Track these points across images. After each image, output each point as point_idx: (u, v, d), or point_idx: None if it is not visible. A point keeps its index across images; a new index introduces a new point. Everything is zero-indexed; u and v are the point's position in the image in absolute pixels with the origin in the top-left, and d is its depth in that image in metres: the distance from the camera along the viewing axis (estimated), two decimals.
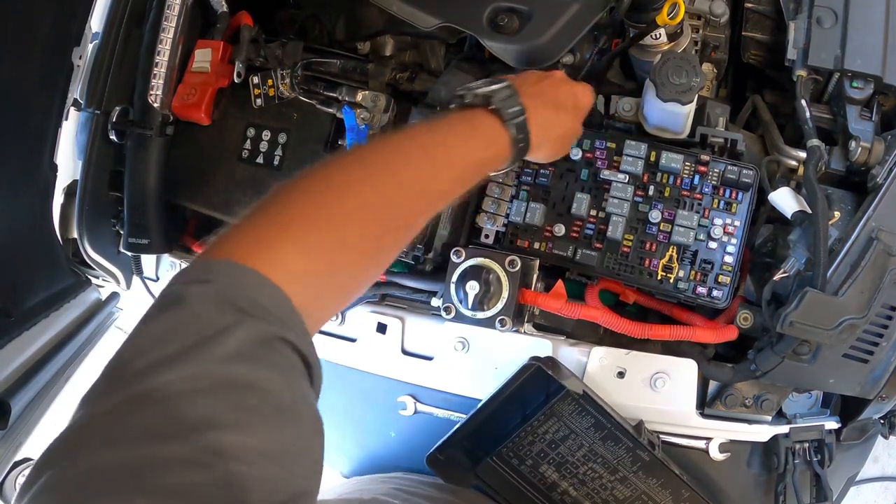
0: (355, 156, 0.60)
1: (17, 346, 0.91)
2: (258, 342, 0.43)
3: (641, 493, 0.85)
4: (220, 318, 0.43)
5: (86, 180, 1.02)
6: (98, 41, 1.03)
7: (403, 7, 0.84)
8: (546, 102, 0.73)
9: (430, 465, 0.88)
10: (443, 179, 0.63)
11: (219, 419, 0.38)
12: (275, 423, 0.41)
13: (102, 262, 1.05)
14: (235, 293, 0.45)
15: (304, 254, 0.49)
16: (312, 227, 0.51)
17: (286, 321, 0.46)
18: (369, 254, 0.56)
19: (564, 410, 0.83)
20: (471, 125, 0.66)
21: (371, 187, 0.55)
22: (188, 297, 0.44)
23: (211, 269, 0.46)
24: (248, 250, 0.48)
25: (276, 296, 0.47)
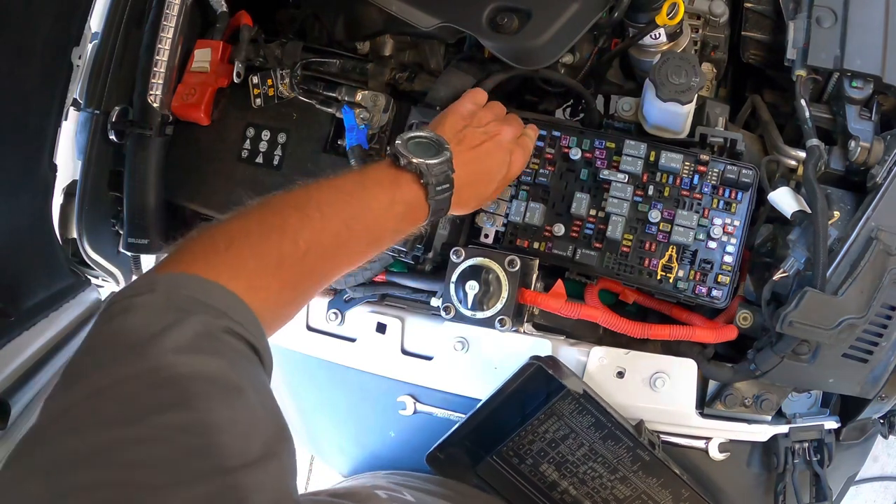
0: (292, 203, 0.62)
1: (17, 346, 0.91)
2: (201, 334, 0.47)
3: (641, 492, 0.85)
4: (165, 317, 0.47)
5: (85, 180, 1.02)
6: (97, 41, 1.03)
7: (403, 7, 0.84)
8: (477, 175, 0.75)
9: (430, 463, 0.88)
10: (356, 245, 0.65)
11: (171, 402, 0.42)
12: (221, 401, 0.44)
13: (102, 262, 1.05)
14: (178, 296, 0.49)
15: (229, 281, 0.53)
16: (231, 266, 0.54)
17: (229, 313, 0.50)
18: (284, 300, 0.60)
19: (565, 409, 0.83)
20: (393, 196, 0.67)
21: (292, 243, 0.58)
22: (134, 306, 0.48)
23: (154, 281, 0.50)
24: (190, 264, 0.53)
25: (219, 292, 0.51)
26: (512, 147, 0.79)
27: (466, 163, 0.73)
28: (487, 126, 0.79)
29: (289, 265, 0.58)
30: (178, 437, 0.40)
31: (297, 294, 0.62)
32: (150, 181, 1.00)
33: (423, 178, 0.68)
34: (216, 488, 0.39)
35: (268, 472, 0.43)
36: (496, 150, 0.77)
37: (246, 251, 0.55)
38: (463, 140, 0.75)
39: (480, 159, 0.75)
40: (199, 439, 0.41)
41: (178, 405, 0.42)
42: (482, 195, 0.78)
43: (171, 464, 0.39)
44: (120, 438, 0.39)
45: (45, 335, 0.98)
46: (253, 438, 0.44)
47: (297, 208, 0.61)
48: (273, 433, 0.46)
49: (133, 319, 0.47)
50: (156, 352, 0.44)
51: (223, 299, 0.51)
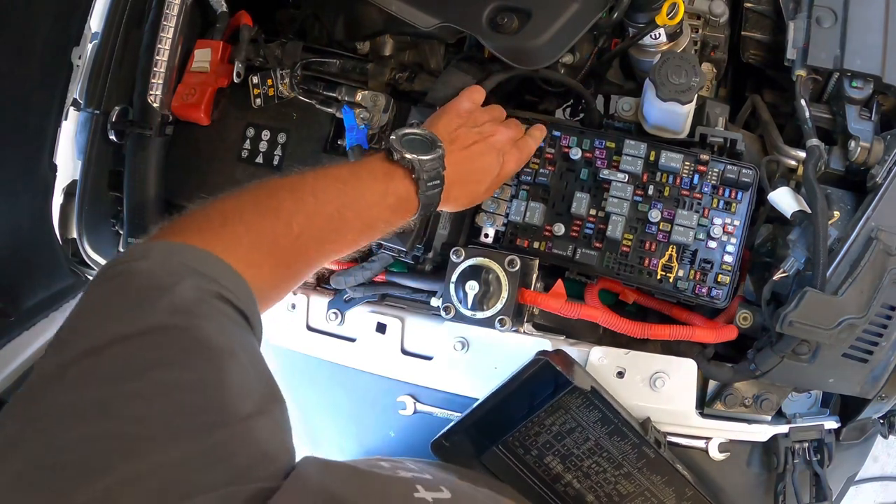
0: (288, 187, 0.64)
1: (17, 346, 0.91)
2: (194, 298, 0.48)
3: (645, 489, 0.85)
4: (160, 279, 0.48)
5: (85, 180, 1.02)
6: (97, 41, 1.03)
7: (403, 7, 0.84)
8: (467, 174, 0.76)
9: (434, 451, 0.88)
10: (348, 233, 0.67)
11: (168, 361, 0.43)
12: (213, 361, 0.45)
13: (102, 262, 1.05)
14: (172, 262, 0.50)
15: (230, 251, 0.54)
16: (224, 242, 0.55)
17: (221, 281, 0.51)
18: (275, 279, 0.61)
19: (572, 403, 0.83)
20: (386, 187, 0.69)
21: (286, 225, 0.60)
22: (128, 270, 0.49)
23: (149, 248, 0.51)
24: (184, 236, 0.54)
25: (212, 260, 0.52)
26: (506, 149, 0.81)
27: (457, 162, 0.75)
28: (482, 126, 0.80)
29: (281, 246, 0.59)
30: (176, 393, 0.41)
31: (287, 275, 0.63)
32: (150, 181, 1.00)
33: (415, 173, 0.69)
34: (215, 439, 0.40)
35: (260, 427, 0.44)
36: (488, 150, 0.78)
37: (240, 229, 0.57)
38: (456, 139, 0.77)
39: (471, 159, 0.77)
40: (194, 396, 0.42)
41: (176, 364, 0.43)
42: (472, 194, 0.80)
43: (169, 418, 0.40)
44: (118, 393, 0.40)
45: (45, 335, 0.98)
46: (245, 397, 0.44)
47: (293, 192, 0.62)
48: (265, 394, 0.47)
49: (128, 282, 0.48)
50: (150, 312, 0.45)
51: (216, 267, 0.52)
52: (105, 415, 0.39)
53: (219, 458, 0.40)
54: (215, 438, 0.40)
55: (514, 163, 0.82)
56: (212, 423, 0.41)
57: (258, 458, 0.42)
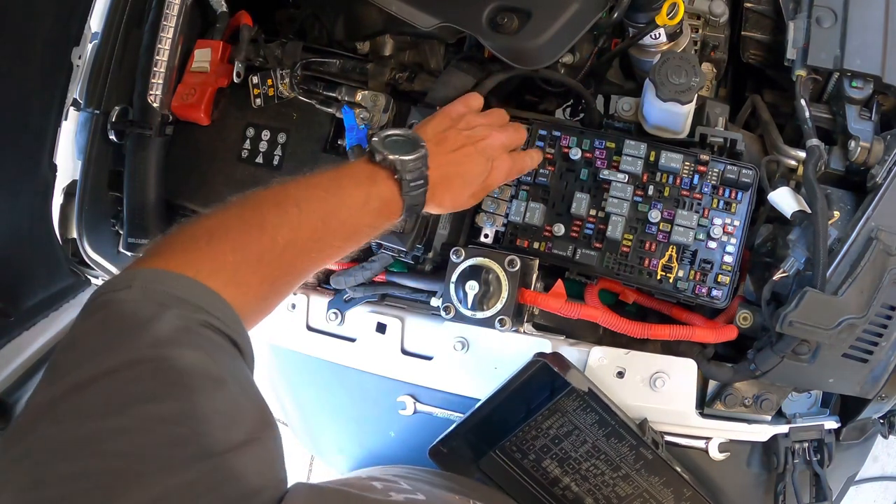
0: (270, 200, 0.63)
1: (16, 346, 0.91)
2: (179, 328, 0.48)
3: (643, 490, 0.85)
4: (143, 311, 0.48)
5: (85, 180, 1.02)
6: (97, 41, 1.03)
7: (403, 7, 0.84)
8: (452, 177, 0.75)
9: (432, 457, 0.88)
10: (333, 241, 0.67)
11: (150, 394, 0.43)
12: (201, 391, 0.45)
13: (102, 262, 1.05)
14: (155, 291, 0.50)
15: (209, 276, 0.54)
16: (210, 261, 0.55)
17: (207, 308, 0.51)
18: (264, 293, 0.61)
19: (569, 406, 0.83)
20: (368, 192, 0.68)
21: (271, 239, 0.60)
22: (112, 301, 0.49)
23: (132, 276, 0.51)
24: (168, 259, 0.54)
25: (196, 288, 0.52)
26: (495, 155, 0.79)
27: (442, 164, 0.74)
28: (473, 130, 0.79)
29: (267, 261, 0.59)
30: (160, 427, 0.41)
31: (275, 288, 0.63)
32: (150, 181, 1.00)
33: (398, 173, 0.69)
34: (199, 473, 0.40)
35: (251, 456, 0.44)
36: (476, 154, 0.77)
37: (226, 246, 0.57)
38: (443, 142, 0.76)
39: (458, 162, 0.76)
40: (180, 429, 0.42)
41: (159, 396, 0.43)
42: (457, 198, 0.78)
43: (152, 452, 0.40)
44: (101, 429, 0.40)
45: (45, 335, 0.98)
46: (235, 426, 0.44)
47: (276, 205, 0.62)
48: (256, 420, 0.47)
49: (112, 315, 0.48)
50: (135, 346, 0.45)
51: (200, 295, 0.52)
52: (90, 452, 0.39)
53: (204, 491, 0.39)
54: (200, 470, 0.40)
55: (503, 172, 0.80)
56: (196, 455, 0.41)
57: (245, 491, 0.41)
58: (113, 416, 0.41)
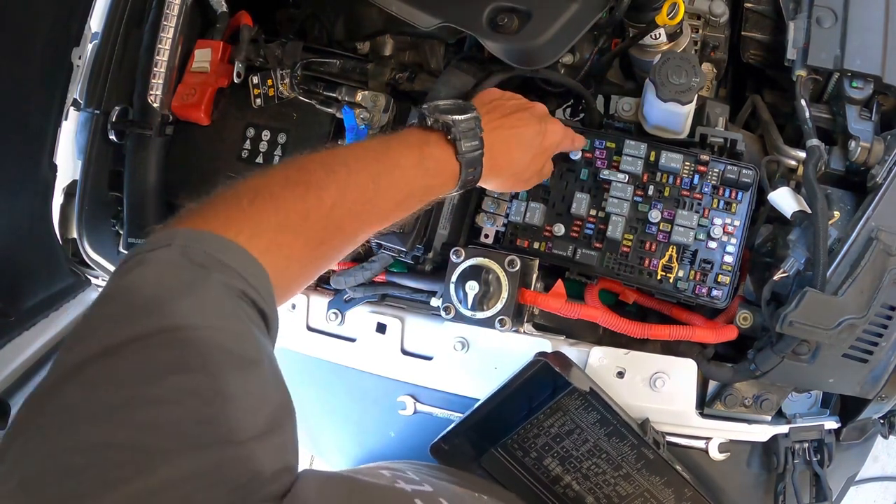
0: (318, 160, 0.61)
1: (16, 346, 0.91)
2: (219, 297, 0.46)
3: (644, 490, 0.85)
4: (182, 274, 0.46)
5: (85, 180, 1.02)
6: (98, 41, 1.03)
7: (403, 7, 0.84)
8: (508, 138, 0.73)
9: (433, 454, 0.88)
10: (384, 203, 0.64)
11: (186, 364, 0.41)
12: (235, 369, 0.43)
13: (102, 262, 1.05)
14: (195, 252, 0.47)
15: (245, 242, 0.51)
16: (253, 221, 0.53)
17: (246, 276, 0.49)
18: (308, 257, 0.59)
19: (571, 405, 0.83)
20: (421, 152, 0.66)
21: (317, 198, 0.57)
22: (150, 260, 0.46)
23: (172, 235, 0.49)
24: (210, 219, 0.51)
25: (236, 252, 0.50)
26: (547, 117, 0.77)
27: (497, 127, 0.71)
28: (518, 101, 0.77)
29: (314, 221, 0.57)
30: (191, 401, 0.40)
31: (321, 252, 0.60)
32: (150, 181, 1.00)
33: (451, 133, 0.66)
34: (221, 458, 0.39)
35: (272, 444, 0.43)
36: (528, 116, 0.75)
37: (269, 206, 0.54)
38: (493, 110, 0.73)
39: (512, 125, 0.73)
40: (210, 407, 0.40)
41: (193, 369, 0.41)
42: (518, 162, 0.75)
43: (181, 428, 0.38)
44: (131, 397, 0.39)
45: (45, 335, 0.98)
46: (261, 411, 0.43)
47: (323, 164, 0.60)
48: (279, 406, 0.46)
49: (148, 274, 0.46)
50: (171, 311, 0.43)
51: (242, 261, 0.49)
52: (118, 421, 0.38)
53: (225, 477, 0.38)
54: (224, 455, 0.39)
55: (558, 133, 0.78)
56: (223, 438, 0.40)
57: (262, 479, 0.40)
58: (144, 383, 0.39)
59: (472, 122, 0.68)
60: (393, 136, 0.68)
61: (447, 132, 0.67)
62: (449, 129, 0.66)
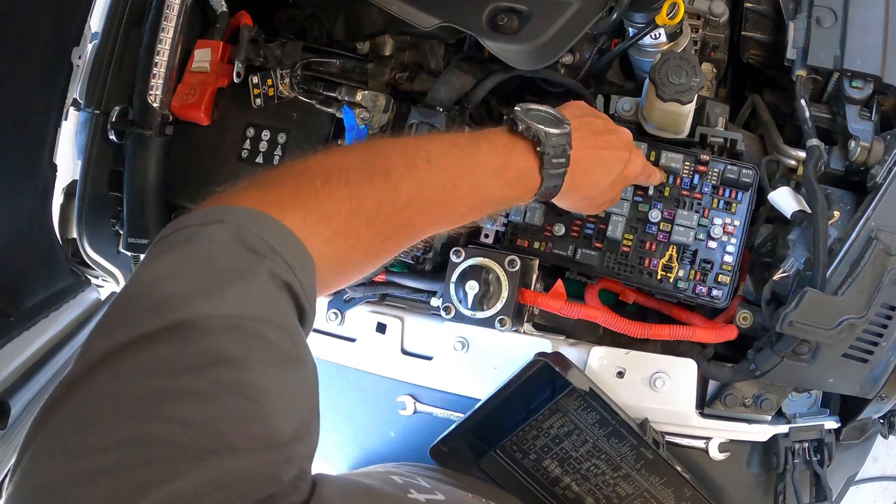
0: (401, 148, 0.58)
1: (16, 346, 0.91)
2: (269, 290, 0.43)
3: (644, 490, 0.85)
4: (234, 258, 0.43)
5: (85, 180, 1.02)
6: (97, 41, 1.03)
7: (403, 7, 0.84)
8: (593, 160, 0.70)
9: (433, 456, 0.88)
10: (459, 206, 0.61)
11: (230, 356, 0.39)
12: (278, 366, 0.41)
13: (102, 262, 1.05)
14: (251, 236, 0.44)
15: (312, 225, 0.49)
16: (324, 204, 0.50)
17: (294, 268, 0.46)
18: (373, 250, 0.56)
19: (570, 406, 0.83)
20: (506, 160, 0.63)
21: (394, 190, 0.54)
22: (199, 238, 0.44)
23: (226, 212, 0.46)
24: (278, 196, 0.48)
25: (292, 241, 0.47)
26: (631, 147, 0.75)
27: (585, 146, 0.68)
28: (606, 121, 0.75)
29: (386, 214, 0.54)
30: (232, 397, 0.37)
31: (386, 247, 0.57)
32: (150, 181, 1.00)
33: (541, 146, 0.63)
34: (257, 460, 0.37)
35: (302, 450, 0.41)
36: (617, 141, 0.73)
37: (343, 191, 0.51)
38: (584, 126, 0.70)
39: (600, 146, 0.71)
40: (251, 403, 0.38)
41: (238, 362, 0.38)
42: (596, 186, 0.72)
43: (220, 427, 0.36)
44: (169, 389, 0.36)
45: (45, 335, 0.98)
46: (297, 414, 0.41)
47: (405, 154, 0.57)
48: (311, 408, 0.45)
49: (197, 254, 0.43)
50: (218, 297, 0.40)
51: (293, 250, 0.46)
52: (153, 414, 0.35)
53: (259, 482, 0.36)
54: (259, 458, 0.37)
55: (639, 165, 0.76)
56: (261, 439, 0.37)
57: (289, 485, 0.38)
58: (185, 374, 0.36)
59: (563, 138, 0.65)
60: (479, 135, 0.64)
61: (537, 143, 0.63)
62: (540, 140, 0.63)
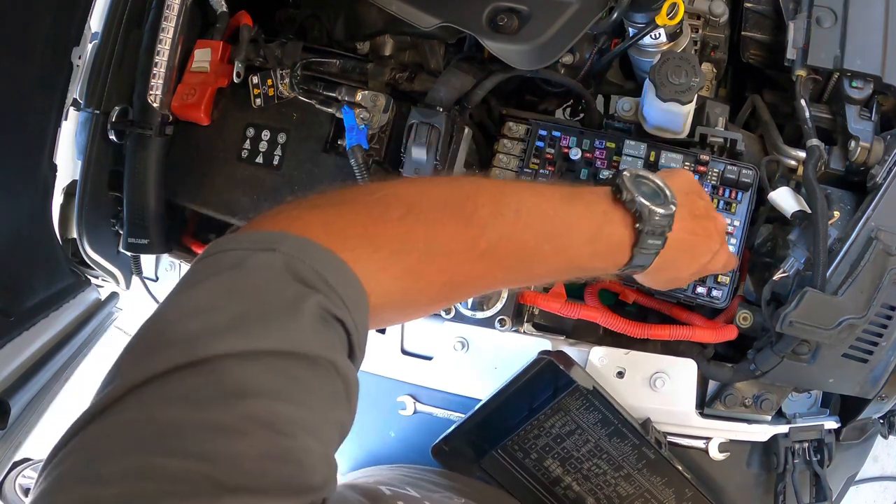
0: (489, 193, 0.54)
1: (16, 346, 0.91)
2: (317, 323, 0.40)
3: (645, 490, 0.85)
4: (283, 290, 0.40)
5: (85, 180, 1.02)
6: (97, 41, 1.03)
7: (403, 7, 0.84)
8: (686, 246, 0.65)
9: (434, 455, 0.88)
10: (538, 267, 0.57)
11: (263, 389, 0.36)
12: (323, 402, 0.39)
13: (102, 262, 1.05)
14: (304, 268, 0.41)
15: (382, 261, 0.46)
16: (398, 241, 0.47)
17: (350, 306, 0.43)
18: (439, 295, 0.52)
19: (572, 405, 0.83)
20: (600, 229, 0.57)
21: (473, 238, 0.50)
22: (248, 265, 0.41)
23: (280, 240, 0.42)
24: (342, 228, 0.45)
25: (348, 277, 0.43)
26: (723, 240, 0.70)
27: (682, 229, 0.62)
28: (708, 203, 0.69)
29: (460, 262, 0.50)
30: (264, 432, 0.35)
31: (457, 293, 0.54)
32: (150, 181, 1.00)
33: (640, 223, 0.58)
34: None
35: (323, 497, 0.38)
36: (714, 232, 0.67)
37: (420, 230, 0.47)
38: (687, 204, 0.64)
39: (697, 232, 0.65)
40: (287, 441, 0.35)
41: (268, 393, 0.36)
42: (681, 272, 0.67)
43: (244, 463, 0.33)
44: (191, 422, 0.34)
45: (45, 335, 0.98)
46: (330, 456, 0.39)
47: (494, 201, 0.52)
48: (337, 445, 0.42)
49: (242, 280, 0.40)
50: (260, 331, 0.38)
51: (349, 286, 0.43)
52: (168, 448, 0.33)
53: None
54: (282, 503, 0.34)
55: (721, 261, 0.70)
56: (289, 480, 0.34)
57: None
58: (210, 406, 0.34)
59: (667, 220, 0.59)
60: (578, 193, 0.59)
61: (638, 218, 0.58)
62: (642, 217, 0.58)
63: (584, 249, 0.57)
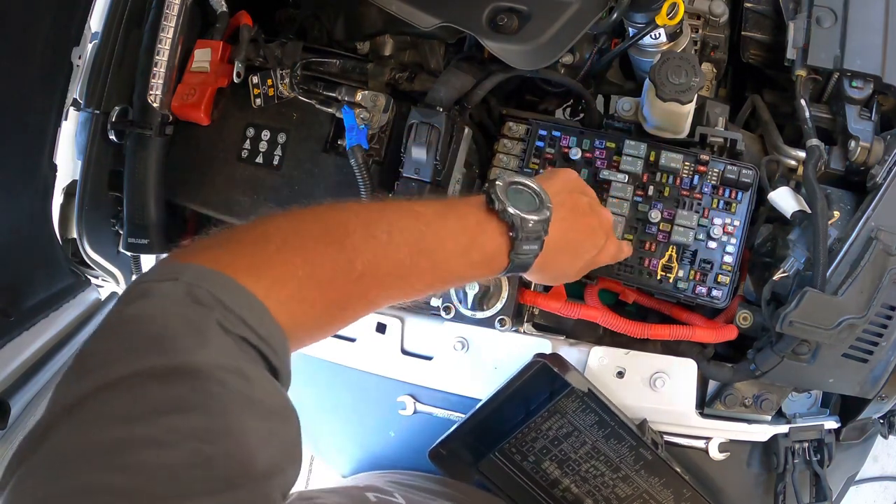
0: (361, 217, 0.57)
1: (16, 346, 0.91)
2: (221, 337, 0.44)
3: (643, 491, 0.85)
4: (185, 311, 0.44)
5: (85, 180, 1.02)
6: (97, 41, 1.03)
7: (403, 7, 0.84)
8: (568, 244, 0.67)
9: (432, 459, 0.88)
10: (416, 282, 0.59)
11: (186, 404, 0.40)
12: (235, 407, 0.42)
13: (102, 262, 1.05)
14: (202, 292, 0.45)
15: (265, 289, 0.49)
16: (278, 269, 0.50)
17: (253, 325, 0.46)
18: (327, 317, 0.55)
19: (568, 407, 0.83)
20: (473, 240, 0.60)
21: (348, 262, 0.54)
22: (153, 293, 0.45)
23: (181, 270, 0.47)
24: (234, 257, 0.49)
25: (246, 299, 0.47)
26: (609, 234, 0.73)
27: (564, 227, 0.65)
28: (591, 199, 0.72)
29: (340, 284, 0.53)
30: (190, 442, 0.38)
31: (339, 317, 0.57)
32: (150, 181, 1.00)
33: (514, 231, 0.60)
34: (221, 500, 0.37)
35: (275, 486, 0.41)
36: (598, 227, 0.70)
37: (298, 259, 0.51)
38: (567, 203, 0.67)
39: (578, 229, 0.68)
40: (210, 447, 0.38)
41: (192, 408, 0.39)
42: (565, 270, 0.70)
43: (178, 472, 0.37)
44: (125, 439, 0.37)
45: (45, 335, 0.98)
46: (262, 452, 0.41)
47: (365, 224, 0.55)
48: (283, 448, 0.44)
49: (150, 308, 0.44)
50: (171, 348, 0.41)
51: (250, 308, 0.47)
52: (109, 464, 0.36)
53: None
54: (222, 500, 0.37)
55: (610, 253, 0.74)
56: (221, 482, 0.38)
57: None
58: (141, 423, 0.38)
59: (541, 225, 0.61)
60: (450, 206, 0.62)
61: (511, 227, 0.60)
62: (514, 226, 0.60)
63: (460, 261, 0.60)
